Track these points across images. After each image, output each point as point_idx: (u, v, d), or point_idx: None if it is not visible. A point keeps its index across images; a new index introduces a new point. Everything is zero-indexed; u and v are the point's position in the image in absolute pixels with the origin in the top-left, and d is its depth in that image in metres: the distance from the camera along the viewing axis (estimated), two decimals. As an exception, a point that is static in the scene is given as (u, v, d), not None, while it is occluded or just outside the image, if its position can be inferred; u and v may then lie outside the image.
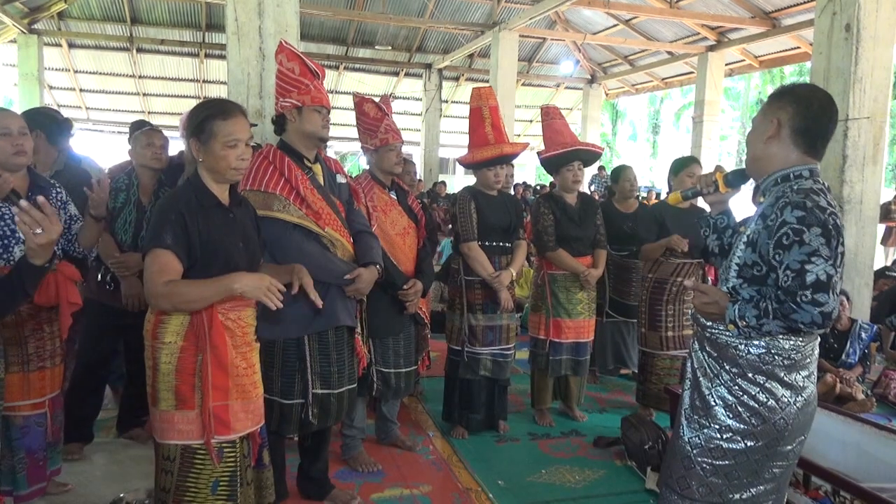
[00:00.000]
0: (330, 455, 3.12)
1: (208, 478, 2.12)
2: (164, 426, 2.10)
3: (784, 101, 1.91)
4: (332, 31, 14.19)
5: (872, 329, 5.03)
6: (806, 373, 1.93)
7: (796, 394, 1.90)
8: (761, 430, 1.91)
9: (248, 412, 2.21)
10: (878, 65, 5.04)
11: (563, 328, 4.00)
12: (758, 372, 1.90)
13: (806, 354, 1.91)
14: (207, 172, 2.18)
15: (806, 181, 1.87)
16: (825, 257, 1.75)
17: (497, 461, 3.59)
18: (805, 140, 1.88)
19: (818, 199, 1.80)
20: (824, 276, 1.74)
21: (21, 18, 11.32)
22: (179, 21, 13.19)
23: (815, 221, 1.76)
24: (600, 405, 4.56)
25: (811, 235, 1.76)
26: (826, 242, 1.76)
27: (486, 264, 3.71)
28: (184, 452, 2.10)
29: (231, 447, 2.16)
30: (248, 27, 3.80)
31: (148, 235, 2.09)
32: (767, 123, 1.92)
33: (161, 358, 2.09)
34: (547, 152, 3.99)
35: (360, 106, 3.42)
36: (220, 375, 2.10)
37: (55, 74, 14.26)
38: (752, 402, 1.90)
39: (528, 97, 16.98)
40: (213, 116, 2.14)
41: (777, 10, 10.51)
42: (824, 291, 1.74)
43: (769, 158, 1.93)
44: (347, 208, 2.92)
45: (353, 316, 2.84)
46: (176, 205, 2.10)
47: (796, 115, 1.88)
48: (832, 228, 1.77)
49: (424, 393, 4.52)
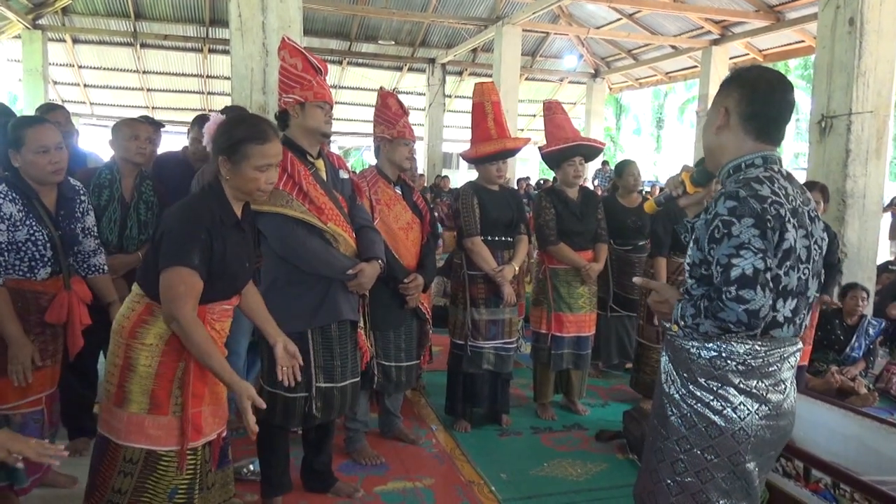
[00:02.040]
0: (333, 448, 3.14)
1: (167, 484, 2.08)
2: (132, 429, 2.05)
3: (731, 88, 1.79)
4: (336, 26, 14.18)
5: (880, 325, 5.03)
6: (770, 381, 1.74)
7: (757, 402, 1.73)
8: (719, 443, 1.74)
9: (216, 416, 2.21)
10: (882, 59, 5.03)
11: (564, 322, 4.02)
12: (710, 377, 1.75)
13: (770, 362, 1.73)
14: (231, 190, 2.15)
15: (756, 169, 1.74)
16: (755, 250, 1.60)
17: (500, 454, 3.62)
18: (755, 125, 1.76)
19: (758, 188, 1.66)
20: (751, 271, 1.59)
21: (25, 14, 11.35)
22: (183, 16, 13.19)
23: (746, 212, 1.62)
24: (602, 399, 4.58)
25: (741, 227, 1.62)
26: (760, 234, 1.61)
27: (489, 259, 3.73)
28: (148, 457, 2.06)
29: (193, 455, 2.12)
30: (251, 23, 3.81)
31: (173, 249, 2.00)
32: (716, 113, 1.81)
33: (139, 359, 2.05)
34: (548, 147, 4.01)
35: (385, 98, 3.44)
36: (200, 384, 2.10)
37: (59, 70, 14.29)
38: (707, 410, 1.75)
39: (532, 92, 16.94)
40: (250, 140, 2.08)
41: (781, 3, 10.47)
42: (750, 287, 1.58)
43: (721, 149, 1.81)
44: (350, 203, 2.93)
45: (355, 310, 2.86)
46: (205, 222, 2.05)
47: (742, 101, 1.76)
48: (771, 219, 1.62)
49: (427, 387, 4.54)
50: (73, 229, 2.78)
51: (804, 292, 1.75)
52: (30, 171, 2.60)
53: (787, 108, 1.78)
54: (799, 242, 1.70)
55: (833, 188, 4.84)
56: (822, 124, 5.19)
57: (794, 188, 1.76)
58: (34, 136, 2.58)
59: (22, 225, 2.56)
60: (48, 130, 2.63)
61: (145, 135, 3.35)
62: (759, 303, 1.59)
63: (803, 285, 1.73)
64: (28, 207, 2.59)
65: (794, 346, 1.79)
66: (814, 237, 1.76)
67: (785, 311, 1.70)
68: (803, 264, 1.71)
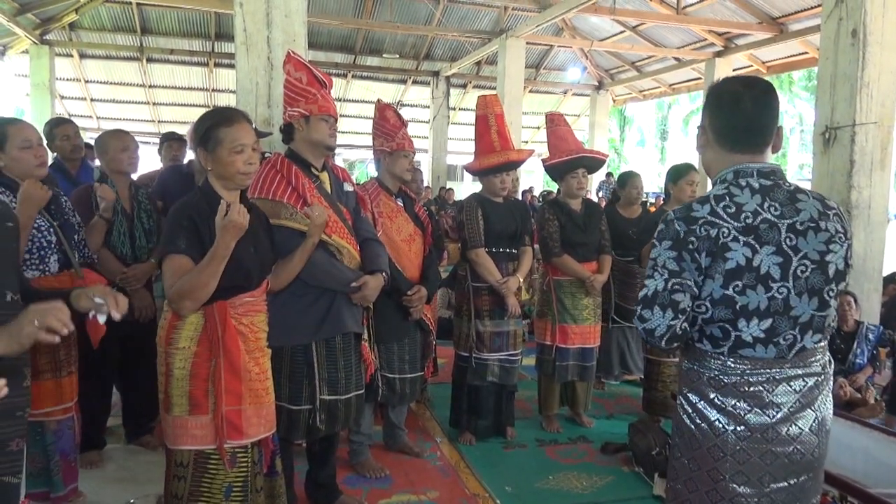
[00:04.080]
0: (338, 461, 3.14)
1: (221, 483, 2.13)
2: (178, 432, 2.12)
3: (705, 106, 1.80)
4: (340, 40, 14.26)
5: (879, 330, 5.00)
6: (753, 402, 1.67)
7: (733, 422, 1.68)
8: (697, 456, 1.74)
9: (261, 418, 2.24)
10: (885, 70, 5.03)
11: (568, 334, 4.01)
12: (691, 389, 1.76)
13: (751, 381, 1.67)
14: (217, 180, 2.21)
15: (722, 185, 1.72)
16: (667, 272, 1.64)
17: (505, 467, 3.60)
18: (728, 137, 1.73)
19: (695, 209, 1.66)
20: (651, 292, 1.66)
21: (33, 29, 11.46)
22: (189, 31, 13.30)
23: (668, 235, 1.67)
24: (608, 411, 4.56)
25: (660, 249, 1.67)
26: (676, 257, 1.64)
27: (493, 270, 3.73)
28: (197, 458, 2.12)
29: (244, 452, 2.18)
30: (256, 37, 3.83)
31: (161, 243, 2.14)
32: (700, 133, 1.82)
33: (175, 363, 2.11)
34: (552, 159, 4.02)
35: (383, 111, 3.46)
36: (233, 380, 2.13)
37: (66, 84, 14.39)
38: (688, 420, 1.76)
39: (536, 104, 16.98)
40: (218, 124, 2.17)
41: (784, 15, 10.50)
42: (647, 307, 1.66)
43: (709, 167, 1.81)
44: (354, 216, 2.95)
45: (359, 322, 2.87)
46: (186, 210, 2.14)
47: (712, 116, 1.76)
48: (696, 240, 1.62)
49: (432, 399, 4.53)
50: (68, 220, 2.86)
51: (784, 311, 1.65)
52: (14, 168, 2.65)
53: (758, 113, 1.70)
54: (767, 260, 1.63)
55: (838, 199, 4.83)
56: (826, 135, 5.18)
57: (771, 201, 1.67)
58: (16, 132, 2.65)
59: None
60: (28, 127, 2.72)
61: (134, 145, 3.43)
62: (654, 322, 1.66)
63: (780, 304, 1.65)
64: None
65: (798, 370, 1.69)
66: (799, 252, 1.65)
67: (752, 331, 1.65)
68: (777, 282, 1.64)
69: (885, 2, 4.91)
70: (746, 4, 10.58)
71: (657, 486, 3.30)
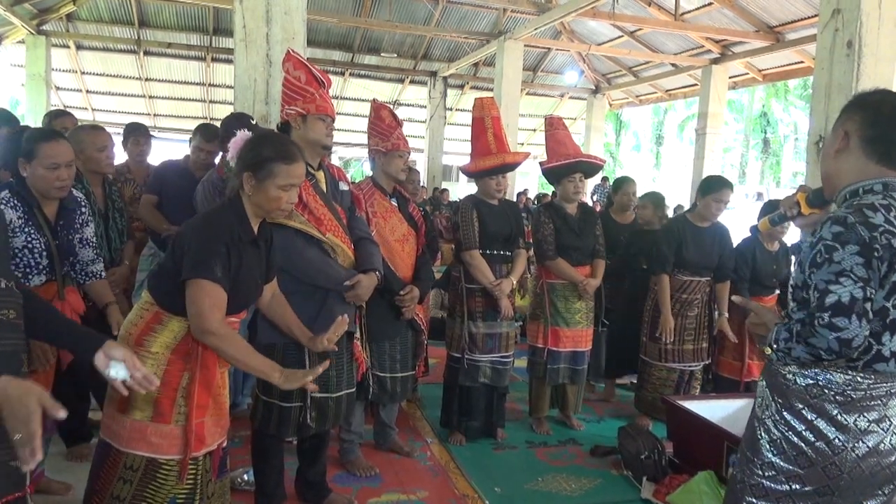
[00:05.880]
0: (328, 459, 3.14)
1: (167, 494, 2.07)
2: (134, 436, 2.04)
3: (852, 111, 1.74)
4: (339, 38, 14.24)
5: None
6: (873, 416, 1.66)
7: (854, 439, 1.65)
8: (808, 475, 1.69)
9: (219, 426, 2.21)
10: (879, 81, 5.06)
11: (560, 337, 4.03)
12: (805, 405, 1.69)
13: (873, 395, 1.65)
14: (252, 206, 2.17)
15: (874, 195, 1.66)
16: (856, 278, 1.56)
17: (494, 468, 3.61)
18: (878, 149, 1.69)
19: (870, 215, 1.60)
20: (847, 299, 1.55)
21: (30, 20, 11.40)
22: (187, 25, 13.25)
23: (852, 239, 1.57)
24: (598, 414, 4.58)
25: (844, 254, 1.57)
26: (864, 263, 1.56)
27: (487, 272, 3.74)
28: (149, 465, 2.05)
29: (194, 464, 2.12)
30: (255, 34, 3.84)
31: (194, 261, 2.02)
32: (835, 137, 1.76)
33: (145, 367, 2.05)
34: (549, 163, 4.04)
35: (378, 111, 3.46)
36: (204, 394, 2.10)
37: (62, 75, 14.32)
38: (798, 439, 1.70)
39: (533, 106, 17.01)
40: (277, 159, 2.13)
41: (781, 24, 10.54)
42: (844, 315, 1.54)
43: (839, 174, 1.76)
44: (349, 215, 2.96)
45: (352, 321, 2.87)
46: (224, 236, 2.07)
47: (864, 124, 1.70)
48: (880, 248, 1.57)
49: (422, 399, 4.54)
50: (71, 240, 2.80)
51: None
52: (36, 183, 2.63)
53: None
54: None
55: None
56: (820, 144, 5.21)
57: None
58: (48, 151, 2.60)
59: (21, 232, 2.59)
60: (62, 147, 2.66)
61: (111, 143, 3.36)
62: (852, 332, 1.55)
63: None
64: (28, 215, 2.62)
65: None
66: None
67: (893, 346, 1.64)
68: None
69: (881, 15, 4.94)
70: (744, 13, 10.62)
71: (645, 490, 3.32)
